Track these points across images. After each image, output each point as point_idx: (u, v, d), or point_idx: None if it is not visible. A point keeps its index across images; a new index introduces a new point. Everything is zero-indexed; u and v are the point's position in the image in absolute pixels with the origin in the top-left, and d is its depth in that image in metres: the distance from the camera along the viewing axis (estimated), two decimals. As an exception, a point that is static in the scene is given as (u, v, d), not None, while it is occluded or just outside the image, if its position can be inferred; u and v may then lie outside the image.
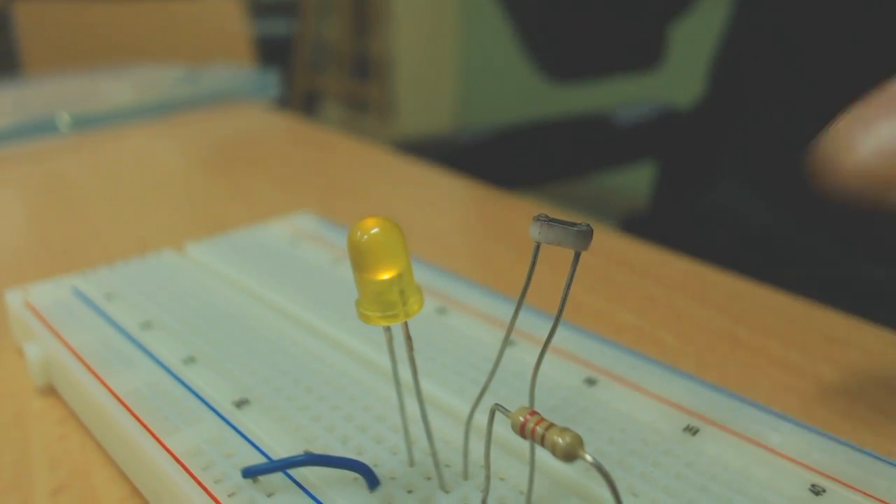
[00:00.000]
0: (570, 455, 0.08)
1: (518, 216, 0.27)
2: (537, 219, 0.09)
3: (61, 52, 1.03)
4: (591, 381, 0.13)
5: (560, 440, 0.08)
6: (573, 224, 0.09)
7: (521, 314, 0.09)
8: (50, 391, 0.15)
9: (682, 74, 0.65)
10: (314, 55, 2.76)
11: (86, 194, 0.29)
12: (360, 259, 0.09)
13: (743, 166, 0.40)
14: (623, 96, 0.58)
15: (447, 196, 0.30)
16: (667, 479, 0.11)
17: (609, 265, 0.22)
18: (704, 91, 0.46)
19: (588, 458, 0.08)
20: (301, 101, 2.50)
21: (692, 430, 0.12)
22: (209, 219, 0.27)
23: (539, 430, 0.08)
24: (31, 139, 0.36)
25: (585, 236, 0.09)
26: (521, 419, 0.08)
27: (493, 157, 0.53)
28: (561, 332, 0.14)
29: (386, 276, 0.09)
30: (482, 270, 0.22)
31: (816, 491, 0.10)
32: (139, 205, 0.28)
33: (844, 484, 0.10)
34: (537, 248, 0.09)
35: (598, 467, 0.08)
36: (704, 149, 0.48)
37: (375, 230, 0.09)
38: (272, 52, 2.49)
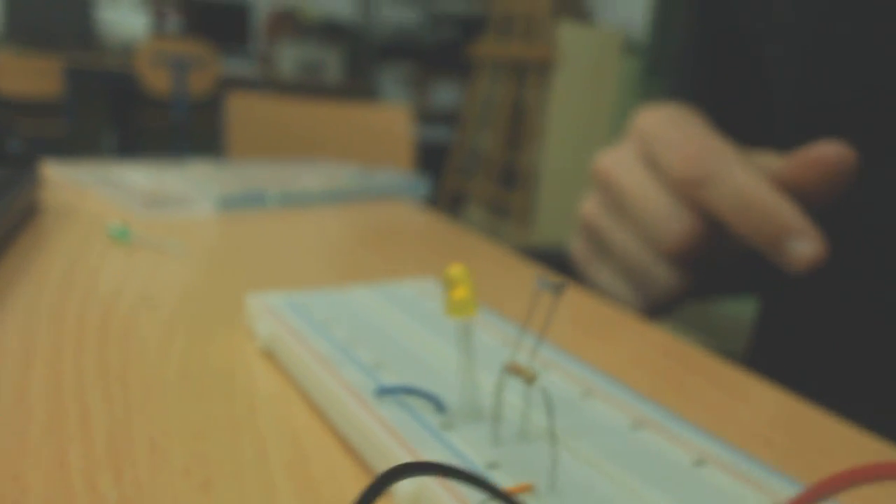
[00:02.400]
0: (529, 379, 0.16)
1: (625, 326, 0.35)
2: (538, 278, 0.18)
3: (259, 136, 1.24)
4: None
5: (526, 373, 0.16)
6: (555, 282, 0.18)
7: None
8: (268, 356, 0.25)
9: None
10: (467, 161, 2.99)
11: (285, 246, 0.41)
12: (450, 283, 0.18)
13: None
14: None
15: (568, 303, 0.39)
16: None
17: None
18: None
19: (538, 382, 0.16)
20: (448, 201, 2.70)
21: None
22: (364, 274, 0.37)
23: (516, 368, 0.17)
24: (248, 206, 0.49)
25: (559, 287, 0.17)
26: (510, 366, 0.17)
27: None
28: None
29: (461, 293, 0.18)
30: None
31: None
32: (316, 259, 0.40)
33: None
34: (536, 292, 0.18)
35: (544, 391, 0.16)
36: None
37: (459, 270, 0.18)
38: (432, 156, 2.73)
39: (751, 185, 0.28)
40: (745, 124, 0.38)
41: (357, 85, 3.24)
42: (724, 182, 0.29)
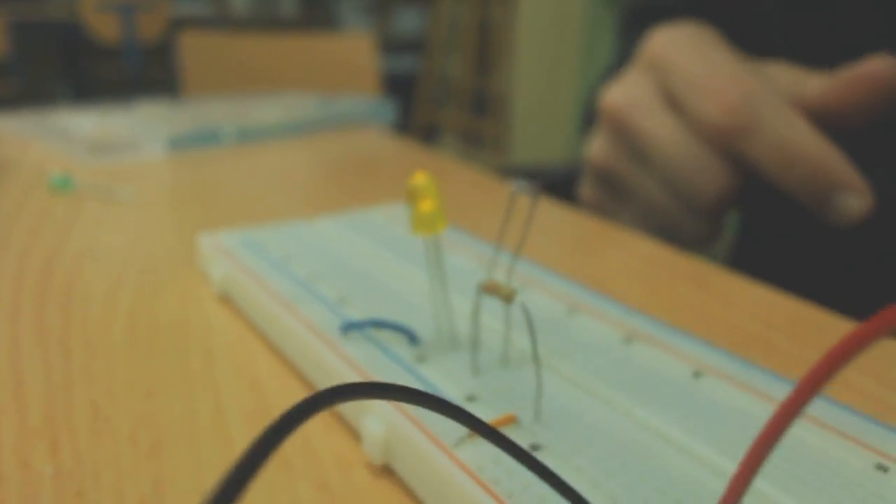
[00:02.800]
0: (507, 298, 0.14)
1: (610, 240, 0.33)
2: (514, 183, 0.16)
3: (215, 78, 1.19)
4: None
5: (503, 292, 0.14)
6: (533, 184, 0.15)
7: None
8: (224, 300, 0.23)
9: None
10: (436, 91, 2.91)
11: (243, 184, 0.39)
12: (414, 195, 0.16)
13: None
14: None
15: (546, 220, 0.37)
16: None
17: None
18: None
19: (518, 300, 0.14)
20: (421, 133, 2.64)
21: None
22: (328, 206, 0.35)
23: (492, 287, 0.15)
24: (202, 146, 0.46)
25: (536, 191, 0.15)
26: (487, 285, 0.15)
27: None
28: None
29: (427, 205, 0.16)
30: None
31: None
32: (279, 195, 0.37)
33: None
34: (511, 197, 0.16)
35: (523, 307, 0.14)
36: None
37: (423, 179, 0.16)
38: (398, 87, 2.65)
39: (797, 136, 0.25)
40: (729, 35, 0.35)
41: (315, 16, 3.11)
42: (768, 132, 0.25)
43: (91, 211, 0.33)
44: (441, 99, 2.96)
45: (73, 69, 2.97)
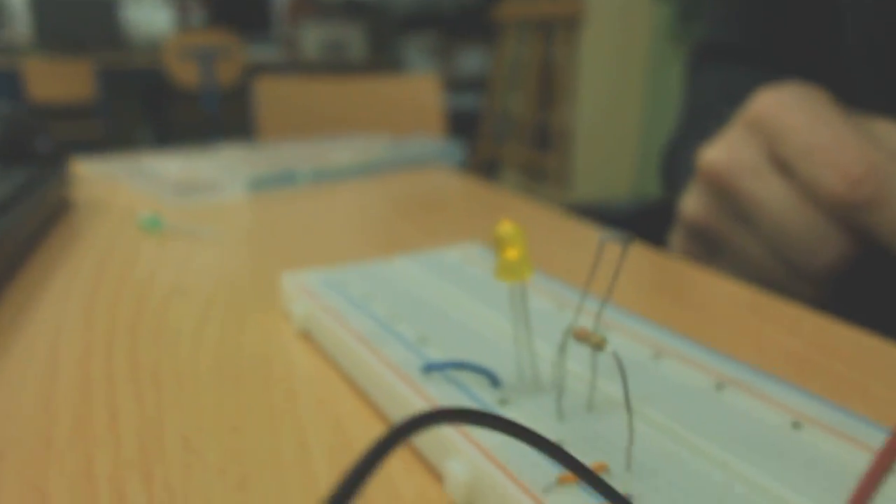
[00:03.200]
0: (597, 345, 0.14)
1: (693, 282, 0.32)
2: (602, 232, 0.16)
3: (289, 120, 1.23)
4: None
5: (593, 339, 0.14)
6: (622, 234, 0.15)
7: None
8: (306, 337, 0.24)
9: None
10: (498, 126, 2.94)
11: (320, 223, 0.40)
12: (502, 243, 0.16)
13: None
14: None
15: (614, 258, 0.36)
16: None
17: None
18: None
19: (609, 347, 0.14)
20: (483, 167, 2.66)
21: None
22: (402, 244, 0.35)
23: (582, 334, 0.15)
24: (278, 187, 0.48)
25: (627, 239, 0.15)
26: (577, 332, 0.15)
27: (656, 222, 0.58)
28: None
29: (514, 253, 0.16)
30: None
31: None
32: (353, 233, 0.38)
33: None
34: (600, 246, 0.16)
35: (615, 355, 0.14)
36: None
37: (511, 227, 0.16)
38: (462, 124, 2.69)
39: None
40: (808, 74, 0.34)
41: (382, 59, 3.20)
42: (893, 206, 0.25)
43: (178, 249, 0.35)
44: (503, 134, 2.98)
45: (153, 112, 3.14)
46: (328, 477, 0.16)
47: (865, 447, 0.15)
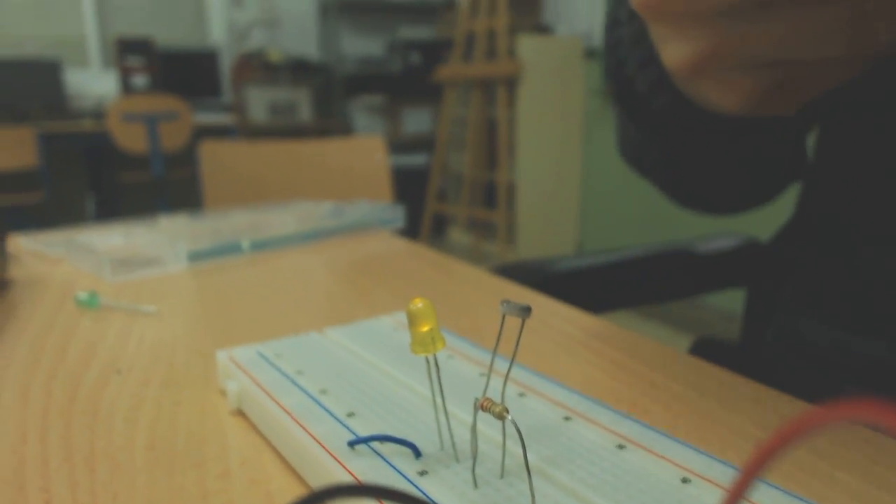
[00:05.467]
0: (499, 415, 0.16)
1: (613, 340, 0.34)
2: (502, 302, 0.17)
3: (236, 182, 1.24)
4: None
5: (496, 409, 0.16)
6: (521, 305, 0.17)
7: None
8: (240, 414, 0.25)
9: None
10: (446, 185, 2.99)
11: (259, 294, 0.41)
12: (413, 319, 0.18)
13: (813, 297, 0.43)
14: (713, 228, 0.63)
15: (543, 317, 0.38)
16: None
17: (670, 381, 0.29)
18: (786, 224, 0.51)
19: (509, 417, 0.15)
20: (431, 226, 2.70)
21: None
22: (340, 312, 0.36)
23: (487, 405, 0.16)
24: (224, 256, 0.49)
25: (525, 311, 0.17)
26: (482, 403, 0.16)
27: (585, 283, 0.60)
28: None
29: (425, 328, 0.17)
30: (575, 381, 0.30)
31: None
32: (295, 302, 0.39)
33: None
34: (503, 318, 0.17)
35: (514, 423, 0.15)
36: (780, 279, 0.51)
37: (420, 304, 0.18)
38: (411, 183, 2.72)
39: None
40: None
41: (330, 122, 3.25)
42: None
43: (116, 326, 0.35)
44: (450, 192, 3.04)
45: (99, 178, 3.09)
46: (256, 554, 0.17)
47: (748, 500, 0.16)
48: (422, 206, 2.69)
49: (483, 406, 0.16)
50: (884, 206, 0.37)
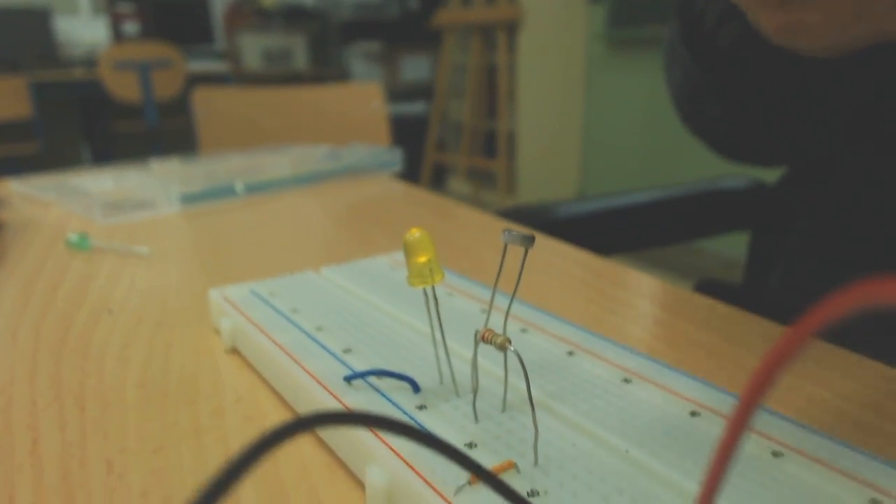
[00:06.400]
0: (501, 346, 0.15)
1: (614, 279, 0.33)
2: (504, 231, 0.16)
3: (230, 130, 1.22)
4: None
5: (497, 340, 0.15)
6: (524, 233, 0.16)
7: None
8: (235, 352, 0.24)
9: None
10: (445, 134, 2.95)
11: (254, 236, 0.40)
12: (410, 249, 0.17)
13: (819, 241, 0.42)
14: (718, 171, 0.62)
15: (545, 258, 0.37)
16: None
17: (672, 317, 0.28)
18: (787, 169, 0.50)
19: (511, 347, 0.15)
20: (431, 175, 2.67)
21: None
22: (337, 254, 0.36)
23: (489, 336, 0.15)
24: (217, 200, 0.47)
25: (528, 239, 0.16)
26: (483, 335, 0.15)
27: (588, 226, 0.59)
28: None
29: (422, 259, 0.17)
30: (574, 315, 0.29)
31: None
32: (290, 243, 0.38)
33: None
34: (505, 248, 0.16)
35: (516, 354, 0.15)
36: (785, 223, 0.50)
37: (417, 234, 0.17)
38: (410, 132, 2.69)
39: None
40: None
41: (326, 70, 3.18)
42: None
43: (108, 268, 0.34)
44: (449, 141, 3.00)
45: (93, 127, 3.05)
46: (254, 495, 0.16)
47: (757, 432, 0.16)
48: (421, 156, 2.66)
49: (484, 337, 0.15)
50: (893, 149, 0.36)
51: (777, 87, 0.36)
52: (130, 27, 2.96)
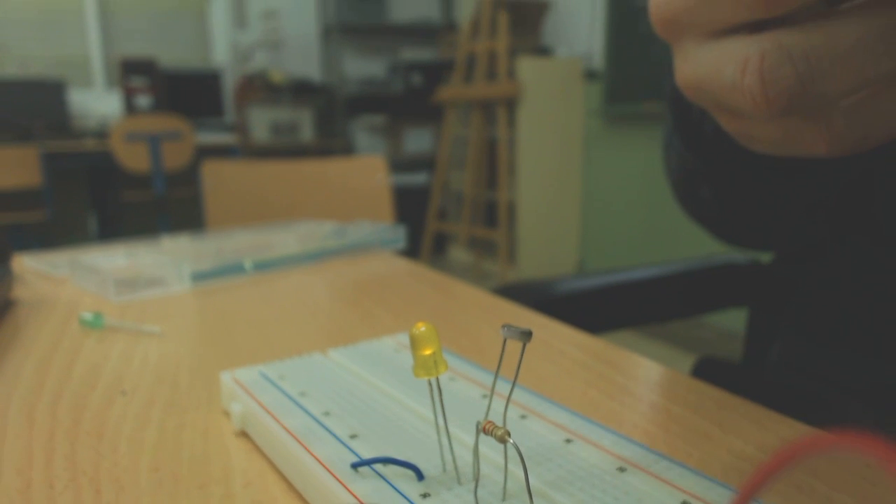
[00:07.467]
0: (501, 439, 0.16)
1: (611, 361, 0.34)
2: (503, 326, 0.17)
3: (237, 202, 1.24)
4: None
5: (498, 432, 0.16)
6: (522, 329, 0.17)
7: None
8: (244, 435, 0.25)
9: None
10: (447, 204, 3.00)
11: (262, 315, 0.41)
12: (416, 343, 0.18)
13: (816, 319, 0.43)
14: (714, 248, 0.63)
15: (544, 338, 0.39)
16: None
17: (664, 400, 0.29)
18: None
19: (510, 440, 0.16)
20: (432, 245, 2.70)
21: None
22: (343, 333, 0.37)
23: (489, 428, 0.16)
24: (227, 277, 0.49)
25: (526, 335, 0.17)
26: (484, 426, 0.17)
27: (587, 303, 0.60)
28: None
29: (427, 351, 0.18)
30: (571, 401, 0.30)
31: None
32: (298, 322, 0.39)
33: None
34: (504, 342, 0.18)
35: (515, 447, 0.16)
36: (782, 300, 0.51)
37: (423, 328, 0.18)
38: (413, 202, 2.73)
39: None
40: None
41: (332, 141, 3.27)
42: None
43: (121, 347, 0.35)
44: (451, 211, 3.05)
45: (102, 197, 3.10)
46: (261, 576, 0.17)
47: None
48: (423, 225, 2.70)
49: (485, 429, 0.16)
50: (890, 229, 0.37)
51: (759, 175, 0.38)
52: (143, 100, 3.05)
